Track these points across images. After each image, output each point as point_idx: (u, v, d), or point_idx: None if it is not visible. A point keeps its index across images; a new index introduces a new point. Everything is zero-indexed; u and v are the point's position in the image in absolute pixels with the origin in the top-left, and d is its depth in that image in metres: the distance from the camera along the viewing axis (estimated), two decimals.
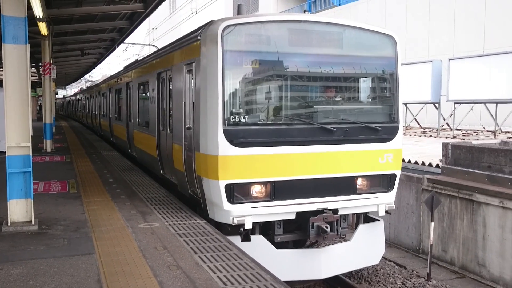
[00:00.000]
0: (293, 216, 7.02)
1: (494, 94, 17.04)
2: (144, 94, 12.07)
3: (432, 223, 8.66)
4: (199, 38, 7.13)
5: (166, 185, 9.79)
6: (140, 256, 5.40)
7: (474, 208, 9.29)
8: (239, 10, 8.05)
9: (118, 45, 26.35)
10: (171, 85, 9.00)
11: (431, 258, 8.85)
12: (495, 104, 17.79)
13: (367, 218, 8.05)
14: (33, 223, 6.56)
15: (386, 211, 7.67)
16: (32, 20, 11.27)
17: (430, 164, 11.69)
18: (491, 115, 18.15)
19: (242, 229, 6.79)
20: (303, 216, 7.05)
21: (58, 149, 16.89)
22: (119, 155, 15.48)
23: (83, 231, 6.42)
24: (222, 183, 6.60)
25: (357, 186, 7.40)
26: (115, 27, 20.94)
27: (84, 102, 34.24)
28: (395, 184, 7.69)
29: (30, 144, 6.51)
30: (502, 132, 18.72)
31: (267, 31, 6.89)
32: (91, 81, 58.88)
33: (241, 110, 6.81)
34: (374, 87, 7.96)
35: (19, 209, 6.56)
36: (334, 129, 7.06)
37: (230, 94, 6.71)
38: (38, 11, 12.28)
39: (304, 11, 9.22)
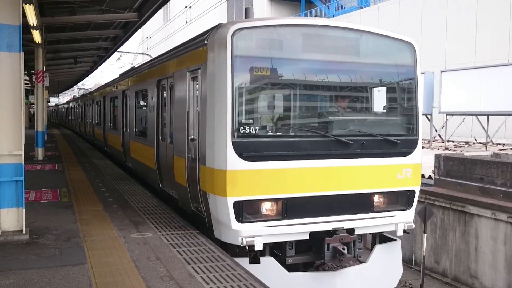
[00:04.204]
0: (307, 236, 6.48)
1: (486, 106, 17.20)
2: (142, 103, 11.67)
3: (425, 235, 8.68)
4: (206, 42, 6.61)
5: (165, 199, 9.25)
6: (132, 266, 5.36)
7: (466, 220, 9.33)
8: (246, 14, 7.51)
9: (111, 54, 26.35)
10: (172, 93, 8.46)
11: (424, 270, 8.86)
12: (486, 116, 17.95)
13: (383, 237, 7.52)
14: (24, 232, 6.49)
15: (405, 231, 7.12)
16: (25, 28, 11.26)
17: (422, 175, 11.74)
18: (483, 127, 18.31)
19: (247, 247, 6.24)
20: (316, 236, 6.53)
21: (50, 157, 16.79)
22: (111, 163, 15.40)
23: (75, 241, 6.35)
24: (231, 200, 6.07)
25: (374, 203, 6.89)
26: (109, 35, 20.95)
27: (77, 110, 33.75)
28: (414, 201, 7.17)
29: (22, 152, 6.46)
30: (493, 144, 18.87)
31: (279, 35, 6.44)
32: (84, 89, 58.70)
33: (251, 120, 6.32)
34: (392, 97, 7.47)
35: (10, 218, 6.49)
36: (351, 142, 6.56)
37: (239, 103, 6.21)
38: (32, 19, 12.25)
39: (315, 16, 8.79)
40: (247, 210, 6.17)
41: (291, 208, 6.34)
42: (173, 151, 8.17)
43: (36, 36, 14.75)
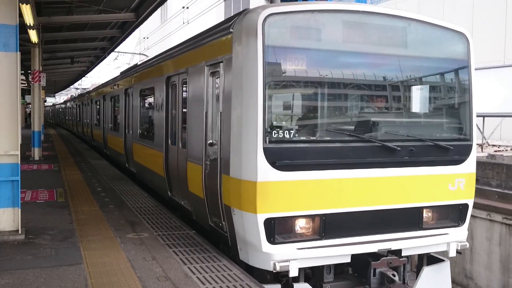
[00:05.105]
0: (348, 259, 5.58)
1: (482, 108, 17.26)
2: (148, 102, 10.88)
3: None
4: (231, 30, 5.65)
5: (175, 209, 8.47)
6: (128, 266, 5.36)
7: None
8: None
9: (108, 54, 26.31)
10: (186, 91, 7.54)
11: None
12: (482, 118, 18.03)
13: (429, 257, 6.64)
14: (20, 232, 6.48)
15: (457, 251, 6.20)
16: (22, 28, 11.25)
17: None
18: (478, 128, 18.36)
19: (275, 269, 5.24)
20: (359, 259, 5.67)
21: (46, 157, 16.76)
22: (108, 164, 15.37)
23: (71, 241, 6.35)
24: (261, 217, 5.16)
25: (423, 219, 6.02)
26: (106, 35, 20.93)
27: (74, 110, 33.22)
28: (467, 217, 6.28)
29: (18, 152, 6.46)
30: (489, 145, 18.94)
31: (317, 23, 5.55)
32: (82, 88, 58.60)
33: (285, 123, 5.52)
34: (442, 96, 6.61)
35: (6, 218, 6.49)
36: (398, 148, 5.68)
37: (271, 102, 5.35)
38: (29, 19, 12.22)
39: None
40: (280, 229, 5.29)
41: (330, 226, 5.48)
42: (186, 156, 7.26)
43: (33, 36, 14.72)
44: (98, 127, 19.13)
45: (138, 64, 14.13)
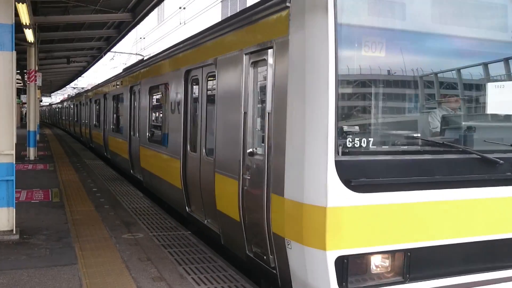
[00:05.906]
0: None
1: None
2: (160, 101, 9.67)
3: None
4: (287, 5, 4.33)
5: (190, 223, 7.42)
6: (123, 267, 5.35)
7: None
8: None
9: (105, 54, 26.28)
10: (212, 87, 6.37)
11: None
12: None
13: None
14: (14, 232, 6.46)
15: None
16: (18, 27, 11.21)
17: None
18: None
19: None
20: None
21: (41, 157, 16.73)
22: (103, 164, 15.34)
23: (66, 241, 6.33)
24: (332, 255, 3.88)
25: None
26: (103, 35, 20.91)
27: (71, 110, 32.43)
28: None
29: (13, 152, 6.44)
30: None
31: None
32: (78, 88, 58.43)
33: (363, 128, 4.20)
34: None
35: (0, 218, 6.46)
36: (501, 161, 4.37)
37: (347, 101, 4.26)
38: (25, 18, 12.19)
39: None
40: (354, 270, 4.00)
41: (417, 264, 4.16)
42: (213, 167, 6.07)
43: (29, 35, 14.69)
44: (98, 128, 18.05)
45: (145, 58, 13.00)
